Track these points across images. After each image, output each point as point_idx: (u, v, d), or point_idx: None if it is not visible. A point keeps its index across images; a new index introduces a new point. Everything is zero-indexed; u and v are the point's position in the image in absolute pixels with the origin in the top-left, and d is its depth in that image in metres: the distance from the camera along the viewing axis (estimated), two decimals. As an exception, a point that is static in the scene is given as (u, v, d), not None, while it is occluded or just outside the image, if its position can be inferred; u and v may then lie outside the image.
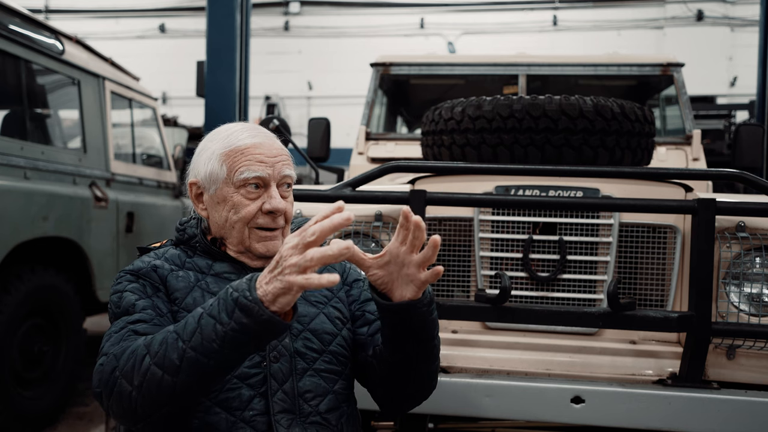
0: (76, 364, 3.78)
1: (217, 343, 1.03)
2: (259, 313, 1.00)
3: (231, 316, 1.02)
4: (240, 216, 1.29)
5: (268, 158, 1.30)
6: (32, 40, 3.57)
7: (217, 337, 1.03)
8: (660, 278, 2.12)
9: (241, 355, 1.07)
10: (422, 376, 1.33)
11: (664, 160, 3.15)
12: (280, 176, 1.31)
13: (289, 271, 0.98)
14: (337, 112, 11.01)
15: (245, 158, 1.29)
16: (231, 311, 1.02)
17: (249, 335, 1.03)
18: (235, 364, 1.10)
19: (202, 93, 5.87)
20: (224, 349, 1.04)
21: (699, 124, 5.83)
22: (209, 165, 1.32)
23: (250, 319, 1.01)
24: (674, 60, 3.44)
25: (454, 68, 3.63)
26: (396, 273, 1.16)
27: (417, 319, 1.20)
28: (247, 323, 1.01)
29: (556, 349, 2.06)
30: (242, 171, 1.28)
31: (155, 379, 1.07)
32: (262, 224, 1.30)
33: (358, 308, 1.43)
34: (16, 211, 3.23)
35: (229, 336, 1.02)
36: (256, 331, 1.02)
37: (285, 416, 1.25)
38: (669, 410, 1.80)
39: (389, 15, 14.44)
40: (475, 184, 2.15)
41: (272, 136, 1.37)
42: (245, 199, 1.29)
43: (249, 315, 1.01)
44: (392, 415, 1.47)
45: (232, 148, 1.31)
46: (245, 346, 1.05)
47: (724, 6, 13.16)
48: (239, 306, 1.01)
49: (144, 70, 7.49)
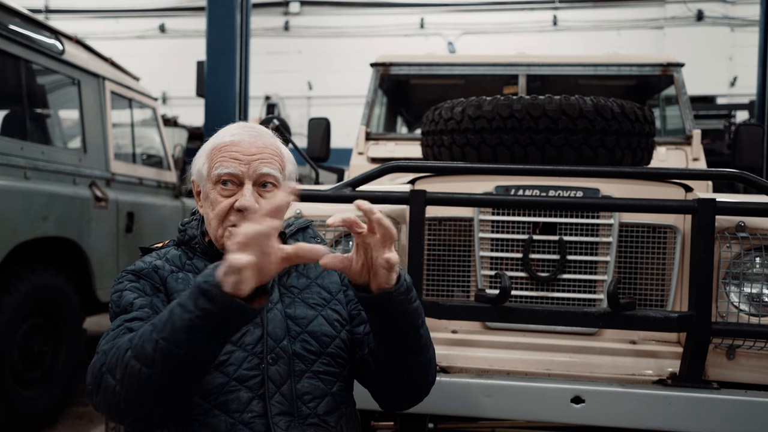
0: (76, 364, 3.78)
1: (186, 331, 1.03)
2: (219, 296, 0.99)
3: (195, 303, 1.01)
4: (215, 212, 1.31)
5: (244, 156, 1.31)
6: (32, 40, 3.57)
7: (184, 326, 1.03)
8: (660, 278, 2.12)
9: (209, 343, 1.06)
10: (414, 368, 1.31)
11: (664, 160, 3.15)
12: (255, 174, 1.31)
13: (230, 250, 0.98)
14: (337, 112, 11.01)
15: (221, 155, 1.32)
16: (195, 298, 1.02)
17: (214, 321, 1.02)
18: (206, 354, 1.09)
19: (202, 93, 5.87)
20: (193, 337, 1.03)
21: (699, 124, 5.84)
22: (199, 162, 1.37)
23: (212, 304, 1.00)
24: (674, 60, 3.44)
25: (454, 68, 3.63)
26: (369, 264, 1.14)
27: (396, 309, 1.17)
28: (209, 308, 1.00)
29: (556, 349, 2.06)
30: (217, 167, 1.31)
31: (134, 371, 1.07)
32: (234, 221, 1.30)
33: (354, 307, 1.43)
34: (16, 211, 3.23)
35: (196, 324, 1.02)
36: (220, 316, 1.01)
37: (283, 418, 1.25)
38: (669, 410, 1.80)
39: (389, 15, 14.44)
40: (475, 184, 2.15)
41: (260, 135, 1.36)
42: (219, 196, 1.31)
43: (210, 300, 1.00)
44: (393, 412, 1.46)
45: (216, 145, 1.34)
46: (212, 333, 1.04)
47: (724, 6, 13.16)
48: (201, 292, 1.01)
49: (144, 70, 7.48)
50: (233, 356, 1.26)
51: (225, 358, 1.25)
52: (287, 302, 1.35)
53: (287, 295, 1.36)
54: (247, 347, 1.27)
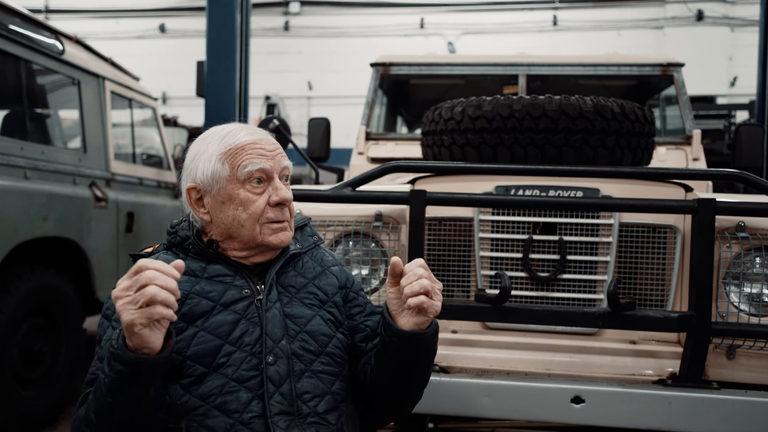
0: (76, 364, 3.78)
1: (109, 395, 1.10)
2: (124, 357, 1.06)
3: (109, 366, 1.09)
4: (249, 212, 1.30)
5: (268, 152, 1.33)
6: (32, 40, 3.56)
7: (106, 390, 1.10)
8: (660, 278, 2.12)
9: (132, 402, 1.12)
10: (410, 397, 1.43)
11: (664, 160, 3.15)
12: (280, 168, 1.35)
13: (124, 310, 1.04)
14: (337, 112, 11.02)
15: (246, 153, 1.31)
16: (109, 361, 1.09)
17: (128, 380, 1.08)
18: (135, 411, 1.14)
19: (202, 93, 5.87)
20: (116, 399, 1.10)
21: (699, 124, 5.84)
22: (210, 166, 1.31)
23: (122, 365, 1.07)
24: (674, 60, 3.44)
25: (454, 68, 3.63)
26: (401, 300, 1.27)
27: (422, 348, 1.30)
28: (121, 369, 1.07)
29: (556, 349, 2.06)
30: (245, 165, 1.30)
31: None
32: (272, 217, 1.32)
33: (364, 320, 1.46)
34: (16, 211, 3.23)
35: (114, 385, 1.09)
36: (131, 374, 1.07)
37: (283, 418, 1.25)
38: (669, 410, 1.80)
39: (389, 15, 14.45)
40: (475, 184, 2.15)
41: (266, 132, 1.39)
42: (252, 195, 1.31)
43: (120, 361, 1.07)
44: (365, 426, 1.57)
45: (232, 146, 1.32)
46: (130, 391, 1.10)
47: (724, 6, 13.16)
48: (112, 356, 1.08)
49: (144, 70, 7.49)
50: (232, 357, 1.26)
51: (224, 360, 1.25)
52: (285, 301, 1.35)
53: (285, 294, 1.36)
54: (245, 348, 1.27)
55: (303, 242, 1.46)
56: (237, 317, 1.29)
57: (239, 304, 1.30)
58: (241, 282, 1.33)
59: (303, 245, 1.45)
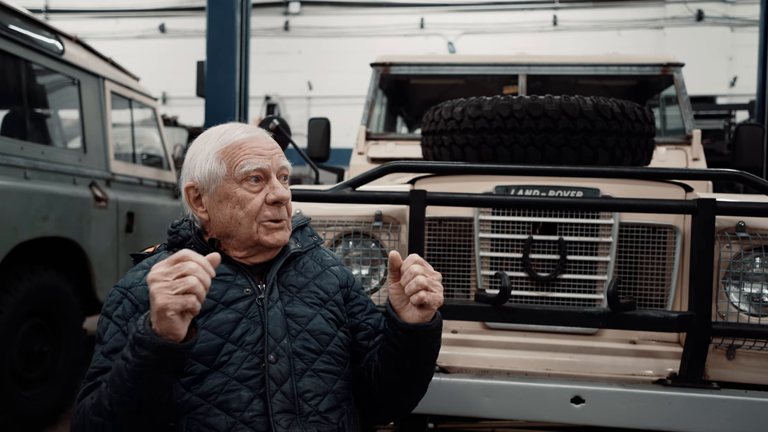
0: (76, 364, 3.78)
1: (130, 381, 1.10)
2: (151, 342, 1.06)
3: (133, 352, 1.08)
4: (246, 210, 1.30)
5: (265, 150, 1.33)
6: (32, 40, 3.56)
7: (128, 376, 1.09)
8: (660, 278, 2.12)
9: (154, 387, 1.12)
10: (413, 395, 1.43)
11: (664, 160, 3.15)
12: (278, 167, 1.35)
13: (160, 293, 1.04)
14: (337, 112, 11.02)
15: (244, 152, 1.31)
16: (132, 347, 1.08)
17: (152, 366, 1.08)
18: (155, 397, 1.14)
19: (202, 93, 5.87)
20: (137, 385, 1.10)
21: (699, 124, 5.84)
22: (207, 165, 1.32)
23: (147, 351, 1.06)
24: (674, 60, 3.44)
25: (454, 68, 3.63)
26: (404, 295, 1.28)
27: (426, 341, 1.30)
28: (146, 355, 1.07)
29: (556, 349, 2.06)
30: (243, 164, 1.30)
31: (99, 426, 1.16)
32: (269, 216, 1.32)
33: (366, 318, 1.46)
34: (16, 211, 3.23)
35: (136, 372, 1.08)
36: (156, 360, 1.07)
37: (284, 416, 1.25)
38: (669, 410, 1.80)
39: (389, 15, 14.45)
40: (475, 184, 2.15)
41: (264, 131, 1.39)
42: (249, 193, 1.31)
43: (145, 346, 1.06)
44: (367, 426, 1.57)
45: (229, 144, 1.32)
46: (154, 377, 1.10)
47: (724, 6, 13.16)
48: (136, 341, 1.07)
49: (144, 70, 7.49)
50: (234, 356, 1.26)
51: (225, 358, 1.25)
52: (286, 300, 1.35)
53: (286, 294, 1.36)
54: (247, 346, 1.27)
55: (303, 242, 1.46)
56: (238, 316, 1.29)
57: (240, 302, 1.31)
58: (243, 281, 1.33)
59: (303, 245, 1.46)
